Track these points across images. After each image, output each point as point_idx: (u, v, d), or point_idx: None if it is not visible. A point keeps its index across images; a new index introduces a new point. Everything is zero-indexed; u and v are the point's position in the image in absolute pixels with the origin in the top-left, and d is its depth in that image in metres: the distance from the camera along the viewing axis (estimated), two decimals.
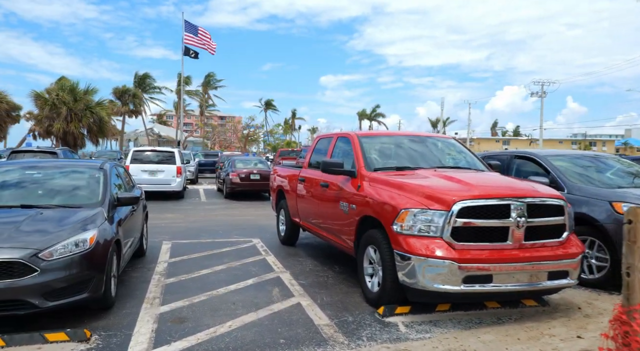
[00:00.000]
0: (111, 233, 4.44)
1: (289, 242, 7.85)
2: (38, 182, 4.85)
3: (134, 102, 47.74)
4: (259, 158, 17.66)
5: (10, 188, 4.75)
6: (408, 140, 5.82)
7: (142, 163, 14.58)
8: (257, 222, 10.77)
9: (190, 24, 35.80)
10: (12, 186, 4.77)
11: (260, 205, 14.29)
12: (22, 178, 4.89)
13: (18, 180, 4.85)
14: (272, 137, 76.64)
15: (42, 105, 19.22)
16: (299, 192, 7.01)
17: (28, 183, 4.83)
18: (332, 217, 5.71)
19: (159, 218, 10.91)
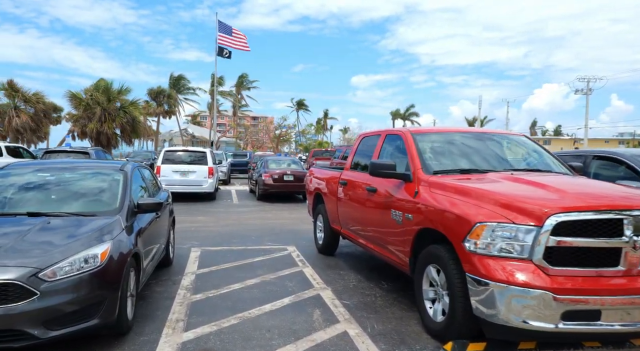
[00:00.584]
0: (128, 246, 3.82)
1: (327, 251, 7.12)
2: (49, 186, 4.30)
3: (169, 103, 48.26)
4: (292, 159, 17.03)
5: (18, 192, 4.20)
6: (470, 138, 4.96)
7: (174, 164, 14.20)
8: (291, 226, 10.09)
9: (223, 24, 35.72)
10: (20, 190, 4.23)
11: (294, 207, 13.63)
12: (32, 182, 4.35)
13: (28, 184, 4.31)
14: (303, 137, 76.28)
15: (77, 106, 19.30)
16: (340, 196, 6.27)
17: (38, 187, 4.28)
18: (381, 226, 4.92)
19: (189, 222, 10.41)
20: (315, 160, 22.74)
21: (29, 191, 4.22)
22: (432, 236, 4.07)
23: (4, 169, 4.58)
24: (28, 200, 4.09)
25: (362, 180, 5.55)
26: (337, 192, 6.42)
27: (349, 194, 5.92)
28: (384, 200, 4.82)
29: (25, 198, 4.12)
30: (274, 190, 14.84)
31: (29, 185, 4.29)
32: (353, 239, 5.98)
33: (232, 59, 34.65)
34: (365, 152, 5.93)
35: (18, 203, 4.04)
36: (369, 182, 5.28)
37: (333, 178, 6.74)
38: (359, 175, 5.76)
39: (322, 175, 7.39)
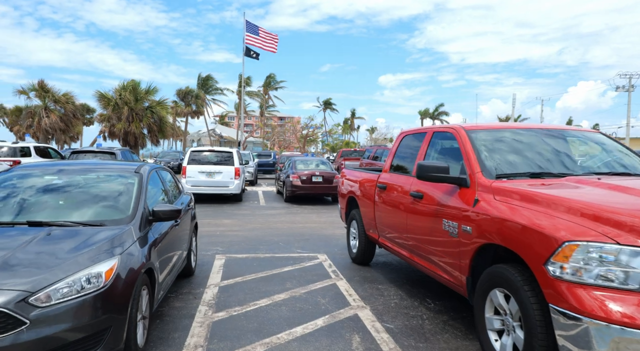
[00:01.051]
0: (140, 260, 3.30)
1: (362, 260, 6.48)
2: (56, 191, 3.83)
3: (197, 103, 48.50)
4: (321, 159, 16.45)
5: (19, 198, 3.74)
6: (537, 135, 4.22)
7: (200, 165, 13.84)
8: (321, 231, 9.50)
9: (251, 24, 35.55)
10: (22, 195, 3.77)
11: (323, 210, 13.04)
12: (37, 186, 3.89)
13: (32, 188, 3.86)
14: (330, 137, 75.69)
15: (106, 106, 19.29)
16: (378, 201, 5.62)
17: (43, 192, 3.82)
18: (429, 238, 4.26)
19: (214, 225, 9.96)
20: (344, 161, 22.12)
21: (33, 196, 3.75)
22: (498, 253, 3.39)
23: (9, 172, 4.15)
24: (30, 207, 3.63)
25: (404, 184, 4.89)
26: (374, 196, 5.78)
27: (389, 199, 5.27)
28: (434, 208, 4.15)
29: (27, 205, 3.65)
30: (302, 192, 14.29)
31: (33, 190, 3.83)
32: (392, 250, 5.33)
33: (260, 59, 34.47)
34: (408, 153, 5.27)
35: (18, 211, 3.58)
36: (413, 186, 4.62)
37: (369, 181, 6.10)
38: (401, 178, 5.10)
39: (356, 177, 6.76)
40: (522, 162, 3.89)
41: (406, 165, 5.19)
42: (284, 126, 78.42)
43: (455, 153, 4.23)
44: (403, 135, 5.59)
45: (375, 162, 17.66)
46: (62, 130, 21.13)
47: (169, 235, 4.29)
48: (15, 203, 3.68)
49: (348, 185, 7.07)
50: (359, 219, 6.43)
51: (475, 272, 3.59)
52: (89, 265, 2.91)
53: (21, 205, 3.65)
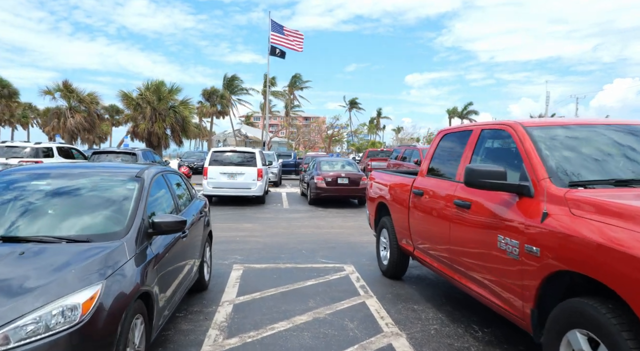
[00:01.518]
0: (132, 283, 2.74)
1: (394, 274, 5.80)
2: (40, 199, 3.31)
3: (222, 103, 48.50)
4: (346, 160, 15.78)
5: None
6: (617, 133, 3.46)
7: (222, 165, 13.39)
8: (347, 237, 8.84)
9: (276, 24, 35.26)
10: (2, 204, 3.26)
11: (349, 214, 12.37)
12: (19, 193, 3.38)
13: (12, 196, 3.34)
14: (356, 138, 74.79)
15: (129, 105, 19.17)
16: (413, 209, 4.94)
17: (25, 200, 3.30)
18: (478, 256, 3.56)
19: (235, 230, 9.43)
20: (371, 161, 21.38)
21: (12, 206, 3.24)
22: (577, 282, 2.68)
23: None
24: (6, 219, 3.11)
25: (446, 190, 4.19)
26: (408, 203, 5.10)
27: (427, 207, 4.58)
28: (485, 221, 3.45)
29: (4, 216, 3.14)
30: (327, 194, 13.66)
31: (13, 198, 3.32)
32: (430, 265, 4.64)
33: (285, 59, 34.12)
34: (449, 154, 4.57)
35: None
36: (458, 193, 3.92)
37: (403, 185, 5.41)
38: (442, 183, 4.40)
39: (388, 180, 6.08)
40: (600, 166, 3.14)
41: (447, 169, 4.48)
42: (309, 126, 77.99)
43: (511, 155, 3.51)
44: (442, 134, 4.88)
45: (403, 163, 16.86)
46: (87, 130, 21.13)
47: (175, 248, 3.73)
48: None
49: (378, 189, 6.40)
50: (391, 228, 5.76)
51: (543, 303, 2.88)
52: (63, 294, 2.35)
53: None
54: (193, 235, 4.49)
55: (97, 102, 21.40)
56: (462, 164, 4.07)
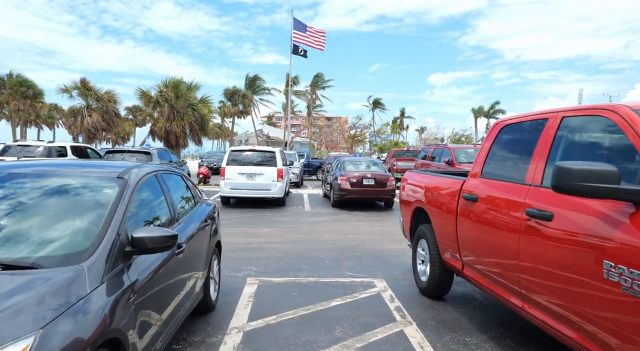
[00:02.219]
0: (90, 327, 1.94)
1: (435, 293, 4.89)
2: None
3: (244, 103, 48.09)
4: (372, 160, 14.84)
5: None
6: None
7: (240, 165, 12.66)
8: (375, 245, 7.95)
9: (298, 22, 34.64)
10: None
11: (375, 217, 11.46)
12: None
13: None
14: (378, 138, 73.55)
15: (147, 103, 18.69)
16: (463, 217, 4.02)
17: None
18: (569, 287, 2.64)
19: (252, 235, 8.65)
20: (397, 161, 20.38)
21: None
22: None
23: None
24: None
25: (513, 196, 3.27)
26: (456, 209, 4.19)
27: (483, 216, 3.66)
28: (580, 239, 2.53)
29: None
30: (352, 197, 12.77)
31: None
32: (486, 288, 3.71)
33: (308, 60, 33.63)
34: (514, 150, 3.65)
35: None
36: (533, 200, 3.00)
37: (448, 188, 4.50)
38: (505, 187, 3.48)
39: (427, 182, 5.17)
40: None
41: (512, 169, 3.55)
42: (331, 126, 77.13)
43: (614, 151, 2.58)
44: (502, 126, 3.94)
45: (431, 163, 15.83)
46: (105, 129, 20.77)
47: (167, 269, 2.93)
48: None
49: (413, 192, 5.50)
50: (431, 238, 4.85)
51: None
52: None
53: None
54: (195, 247, 3.69)
55: (114, 101, 21.00)
56: (535, 163, 3.15)
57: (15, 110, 40.50)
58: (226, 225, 9.81)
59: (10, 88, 39.64)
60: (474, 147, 14.63)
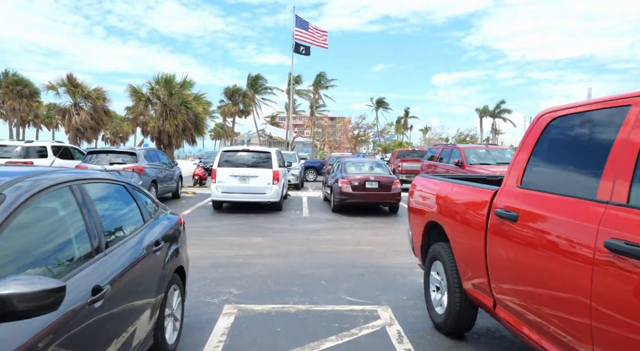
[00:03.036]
0: None
1: (454, 329, 3.90)
2: None
3: (244, 102, 47.11)
4: (376, 161, 13.83)
5: None
6: None
7: (232, 167, 11.68)
8: (379, 258, 6.96)
9: (300, 19, 33.74)
10: None
11: (379, 224, 10.46)
12: None
13: None
14: (382, 138, 72.50)
15: (138, 101, 17.66)
16: (499, 239, 3.03)
17: None
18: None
19: (240, 246, 7.68)
20: (402, 162, 19.37)
21: None
22: None
23: None
24: None
25: (579, 217, 2.27)
26: (484, 229, 3.19)
27: (529, 242, 2.67)
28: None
29: None
30: (353, 201, 11.77)
31: None
32: (535, 343, 2.71)
33: (311, 60, 33.10)
34: (572, 151, 2.65)
35: None
36: (613, 227, 2.00)
37: (472, 200, 3.51)
38: (562, 204, 2.47)
39: (443, 190, 4.17)
40: None
41: (574, 179, 2.56)
42: (334, 126, 76.13)
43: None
44: (551, 118, 2.92)
45: (438, 164, 14.82)
46: (93, 128, 19.74)
47: (69, 329, 1.94)
48: None
49: (425, 201, 4.52)
50: (449, 262, 3.86)
51: None
52: None
53: None
54: (135, 283, 2.71)
55: (103, 98, 19.89)
56: (614, 171, 2.14)
57: (11, 109, 39.73)
58: (214, 233, 8.85)
59: (6, 87, 38.90)
60: (486, 147, 13.59)
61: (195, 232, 8.97)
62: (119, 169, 11.20)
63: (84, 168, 11.12)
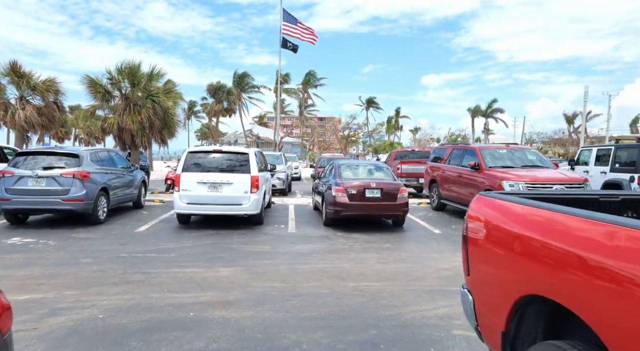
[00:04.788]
0: None
1: None
2: None
3: (229, 100, 44.54)
4: (376, 163, 11.63)
5: None
6: None
7: (201, 172, 9.41)
8: (395, 305, 4.77)
9: (288, 14, 31.57)
10: None
11: (385, 242, 8.27)
12: None
13: None
14: (372, 139, 70.50)
15: (95, 94, 15.11)
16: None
17: None
18: None
19: (197, 286, 5.43)
20: (401, 164, 17.21)
21: None
22: None
23: None
24: None
25: None
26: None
27: None
28: None
29: None
30: (351, 214, 9.56)
31: None
32: None
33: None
34: None
35: None
36: None
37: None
38: None
39: (578, 235, 1.98)
40: None
41: None
42: (324, 126, 73.85)
43: None
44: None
45: (446, 167, 12.70)
46: (43, 126, 17.11)
47: None
48: None
49: (515, 250, 2.33)
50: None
51: None
52: None
53: None
54: None
55: (56, 91, 17.21)
56: None
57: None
58: (168, 261, 6.60)
59: None
60: (507, 146, 11.49)
61: (142, 259, 6.70)
62: (55, 175, 8.87)
63: (10, 173, 8.76)
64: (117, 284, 5.51)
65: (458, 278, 6.02)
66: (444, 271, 6.44)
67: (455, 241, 8.61)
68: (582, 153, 13.59)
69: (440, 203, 12.77)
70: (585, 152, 13.48)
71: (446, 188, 12.34)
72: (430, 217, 11.69)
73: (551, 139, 56.79)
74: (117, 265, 6.36)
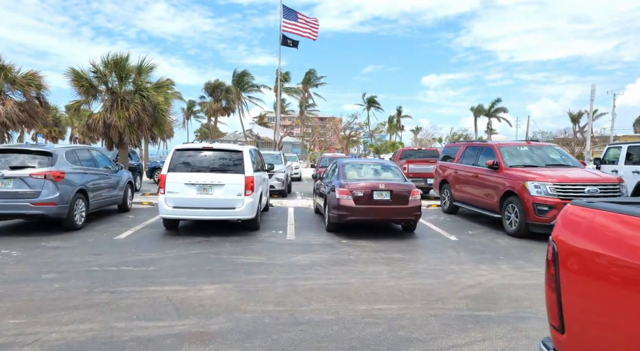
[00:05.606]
0: None
1: None
2: None
3: (227, 98, 43.46)
4: (384, 163, 10.58)
5: None
6: None
7: (189, 172, 8.42)
8: (418, 338, 3.76)
9: (288, 10, 30.61)
10: None
11: (395, 252, 7.26)
12: None
13: None
14: (372, 139, 69.49)
15: (80, 88, 14.05)
16: None
17: None
18: None
19: (174, 310, 4.42)
20: (407, 164, 16.18)
21: None
22: None
23: None
24: None
25: None
26: None
27: None
28: None
29: None
30: (357, 218, 8.54)
31: None
32: None
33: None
34: None
35: None
36: None
37: None
38: None
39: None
40: None
41: None
42: (324, 126, 72.78)
43: None
44: None
45: (459, 166, 11.70)
46: (23, 122, 16.03)
47: None
48: None
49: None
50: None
51: None
52: None
53: None
54: None
55: (38, 86, 16.12)
56: None
57: None
58: (145, 277, 5.61)
59: None
60: (528, 143, 10.46)
61: (115, 274, 5.71)
62: (24, 175, 7.87)
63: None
64: (77, 308, 4.52)
65: (489, 299, 5.02)
66: (470, 289, 5.44)
67: (475, 250, 7.61)
68: (610, 151, 12.56)
69: (453, 206, 11.76)
70: (614, 149, 12.45)
71: (459, 189, 11.34)
72: (443, 221, 10.69)
73: (556, 139, 55.78)
74: (83, 282, 5.37)
